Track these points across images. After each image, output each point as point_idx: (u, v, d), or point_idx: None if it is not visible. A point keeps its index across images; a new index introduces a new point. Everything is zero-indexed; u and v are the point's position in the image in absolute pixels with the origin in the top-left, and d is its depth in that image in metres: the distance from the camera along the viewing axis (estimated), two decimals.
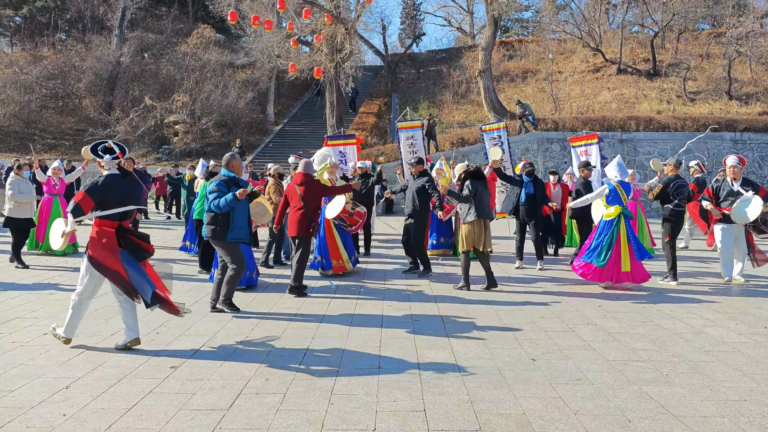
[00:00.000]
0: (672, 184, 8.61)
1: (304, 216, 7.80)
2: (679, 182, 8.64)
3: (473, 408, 4.15)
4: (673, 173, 8.75)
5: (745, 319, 6.73)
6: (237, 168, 6.89)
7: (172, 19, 35.36)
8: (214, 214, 6.68)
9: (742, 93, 27.00)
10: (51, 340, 5.62)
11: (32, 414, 4.01)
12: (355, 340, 5.76)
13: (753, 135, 21.90)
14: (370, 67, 37.83)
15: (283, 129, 30.51)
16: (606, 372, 4.91)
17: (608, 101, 27.40)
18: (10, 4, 37.03)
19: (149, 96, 28.29)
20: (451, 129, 26.10)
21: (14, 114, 28.81)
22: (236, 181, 6.77)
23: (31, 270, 9.29)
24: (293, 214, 7.89)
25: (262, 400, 4.26)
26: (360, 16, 24.46)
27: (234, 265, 6.71)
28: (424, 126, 16.61)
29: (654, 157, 14.46)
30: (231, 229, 6.66)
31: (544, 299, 7.67)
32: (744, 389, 4.57)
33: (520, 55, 34.98)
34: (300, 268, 7.83)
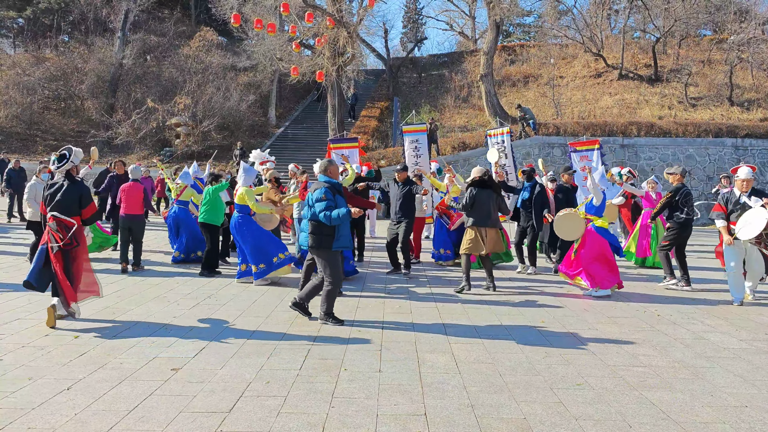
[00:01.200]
0: (680, 192, 8.69)
1: None
2: (685, 190, 8.73)
3: (474, 412, 4.15)
4: (679, 182, 8.83)
5: (746, 326, 6.73)
6: (335, 173, 6.57)
7: (175, 22, 35.42)
8: (319, 222, 6.30)
9: (744, 99, 27.02)
10: (52, 342, 5.63)
11: (33, 415, 4.01)
12: (356, 343, 5.76)
13: (754, 141, 21.91)
14: (371, 71, 37.90)
15: (284, 132, 30.54)
16: (607, 377, 4.91)
17: (610, 106, 27.42)
18: (13, 6, 37.12)
19: (151, 98, 28.32)
20: (453, 133, 26.12)
21: (16, 115, 28.85)
22: (338, 188, 6.50)
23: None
24: None
25: (263, 403, 4.26)
26: (362, 20, 24.50)
27: (330, 279, 6.38)
28: (430, 129, 16.65)
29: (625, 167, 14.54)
30: (337, 238, 6.34)
31: (545, 304, 7.67)
32: (745, 395, 4.57)
33: (521, 60, 35.02)
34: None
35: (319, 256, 6.42)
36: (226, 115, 28.58)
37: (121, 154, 25.90)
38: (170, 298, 7.65)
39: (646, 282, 9.38)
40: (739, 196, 7.88)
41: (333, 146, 13.78)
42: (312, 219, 6.36)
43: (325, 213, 6.17)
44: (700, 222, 19.29)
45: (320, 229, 6.30)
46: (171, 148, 27.61)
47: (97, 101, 29.95)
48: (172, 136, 28.16)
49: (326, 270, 6.40)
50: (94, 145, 17.95)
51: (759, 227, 7.38)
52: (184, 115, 27.91)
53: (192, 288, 8.30)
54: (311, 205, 6.37)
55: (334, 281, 6.42)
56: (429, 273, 9.91)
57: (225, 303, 7.40)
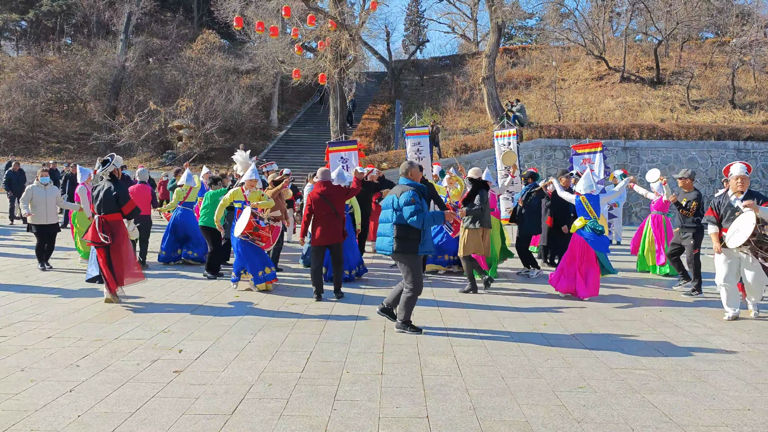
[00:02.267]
0: (701, 198, 8.67)
1: (338, 222, 7.90)
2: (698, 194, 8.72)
3: (476, 415, 4.15)
4: (690, 187, 8.73)
5: (749, 329, 6.71)
6: (416, 176, 6.40)
7: (177, 25, 35.52)
8: (405, 227, 6.13)
9: (746, 102, 27.00)
10: (55, 344, 5.64)
11: (36, 417, 4.02)
12: (358, 345, 5.76)
13: (756, 144, 21.88)
14: (373, 74, 37.91)
15: (286, 134, 30.58)
16: (609, 380, 4.90)
17: (612, 109, 27.42)
18: (16, 9, 37.26)
19: (153, 101, 28.38)
20: (455, 136, 26.14)
21: (19, 118, 28.93)
22: (424, 191, 6.33)
23: (35, 273, 9.31)
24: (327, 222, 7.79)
25: (265, 406, 4.27)
26: (364, 23, 24.51)
27: (412, 286, 6.22)
28: (432, 131, 16.68)
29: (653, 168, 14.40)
30: (423, 242, 6.21)
31: (547, 306, 7.66)
32: (747, 398, 4.56)
33: (523, 63, 35.04)
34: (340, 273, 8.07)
35: (403, 261, 6.24)
36: (228, 117, 28.63)
37: (123, 157, 25.93)
38: (172, 300, 7.66)
39: (648, 285, 9.36)
40: (733, 200, 7.14)
41: (332, 149, 13.80)
42: (398, 223, 6.15)
43: (417, 216, 6.00)
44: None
45: (407, 233, 6.13)
46: (173, 151, 27.66)
47: (99, 104, 30.03)
48: (174, 138, 28.21)
49: (408, 276, 6.23)
50: (96, 151, 17.98)
51: (746, 234, 6.61)
52: (187, 117, 27.97)
53: (194, 290, 8.31)
54: (397, 209, 6.16)
55: (416, 288, 6.25)
56: (431, 276, 9.90)
57: (227, 306, 7.40)
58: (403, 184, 6.32)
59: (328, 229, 7.78)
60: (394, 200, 6.22)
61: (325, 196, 7.83)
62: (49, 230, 9.74)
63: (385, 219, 6.36)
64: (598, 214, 8.40)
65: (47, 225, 9.68)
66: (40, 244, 9.69)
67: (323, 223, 7.77)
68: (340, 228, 7.94)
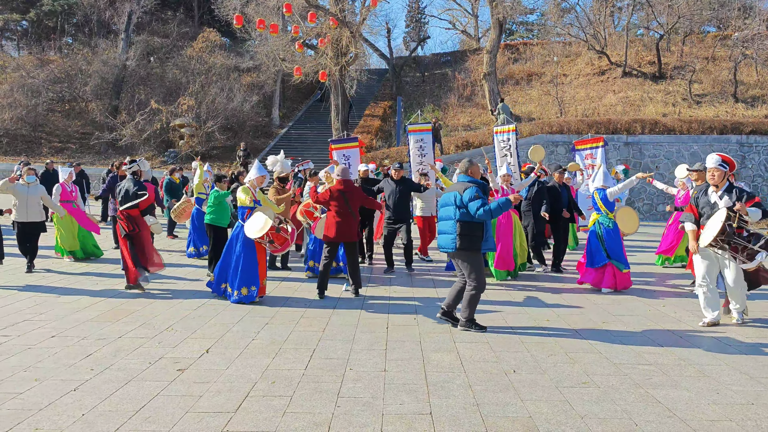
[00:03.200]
0: None
1: (354, 222, 7.90)
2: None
3: (480, 411, 4.15)
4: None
5: (752, 323, 6.70)
6: (476, 173, 6.44)
7: (178, 23, 35.50)
8: (469, 224, 6.12)
9: (748, 96, 26.91)
10: (59, 343, 5.65)
11: (40, 416, 4.03)
12: (361, 342, 5.77)
13: (759, 138, 21.81)
14: (374, 71, 37.87)
15: (288, 132, 30.56)
16: (612, 375, 4.90)
17: (613, 104, 27.36)
18: (17, 9, 37.28)
19: (155, 99, 28.39)
20: (456, 132, 26.11)
21: (21, 117, 28.96)
22: (486, 188, 6.37)
23: (38, 273, 9.33)
24: (345, 220, 7.76)
25: (268, 403, 4.28)
26: (365, 20, 24.49)
27: (475, 283, 6.21)
28: (434, 128, 16.65)
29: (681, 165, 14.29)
30: (485, 239, 6.21)
31: (550, 302, 7.66)
32: (751, 393, 4.55)
33: (525, 59, 34.96)
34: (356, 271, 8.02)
35: (465, 259, 6.22)
36: (229, 115, 28.63)
37: (125, 156, 25.97)
38: (175, 298, 7.67)
39: (652, 279, 9.35)
40: (709, 194, 6.54)
41: (334, 146, 13.78)
42: (461, 220, 6.14)
43: (484, 208, 5.99)
44: None
45: (471, 230, 6.13)
46: (175, 149, 27.68)
47: (101, 103, 30.04)
48: (175, 137, 28.22)
49: (471, 274, 6.22)
50: (98, 150, 17.99)
51: (713, 232, 6.16)
52: (188, 116, 27.97)
53: (197, 288, 8.32)
54: (460, 206, 6.16)
55: (479, 285, 6.23)
56: (434, 273, 9.91)
57: (230, 303, 7.41)
58: (463, 181, 6.34)
59: (343, 227, 7.79)
60: (456, 197, 6.22)
61: (345, 193, 7.84)
62: (29, 228, 9.53)
63: (446, 216, 6.34)
64: (611, 209, 8.48)
65: (27, 223, 9.50)
66: (20, 240, 9.55)
67: (339, 220, 7.77)
68: (355, 227, 7.95)
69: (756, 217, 6.07)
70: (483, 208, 5.99)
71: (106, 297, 7.67)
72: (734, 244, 6.11)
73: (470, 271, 6.22)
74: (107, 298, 7.63)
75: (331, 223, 7.82)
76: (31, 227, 9.57)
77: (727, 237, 6.09)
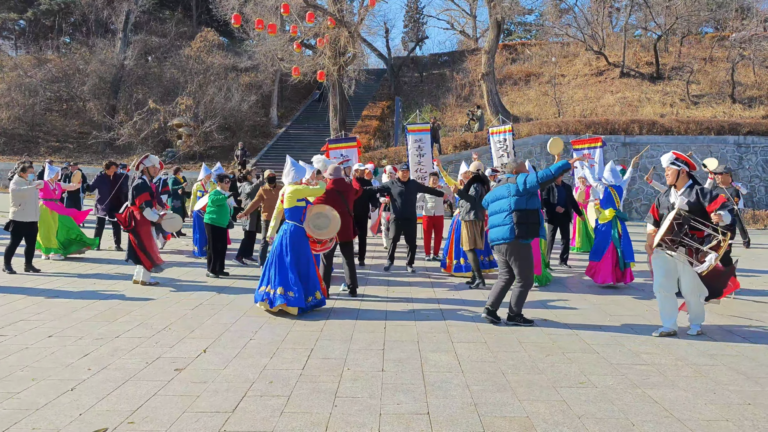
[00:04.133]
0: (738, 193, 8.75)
1: (350, 220, 7.94)
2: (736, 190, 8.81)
3: (477, 411, 4.16)
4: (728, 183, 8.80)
5: (749, 323, 6.72)
6: (523, 168, 6.79)
7: (176, 23, 35.52)
8: (524, 211, 6.20)
9: (746, 96, 26.98)
10: (56, 343, 5.64)
11: (38, 416, 4.02)
12: (359, 342, 5.77)
13: (756, 138, 21.87)
14: (373, 71, 37.90)
15: (286, 132, 30.57)
16: (610, 375, 4.91)
17: (611, 104, 27.41)
18: (15, 8, 37.22)
19: (153, 99, 28.38)
20: (455, 132, 26.12)
21: (18, 117, 28.94)
22: None
23: (38, 274, 9.32)
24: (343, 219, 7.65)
25: (266, 403, 4.27)
26: (363, 20, 24.51)
27: (523, 280, 6.34)
28: (432, 128, 16.66)
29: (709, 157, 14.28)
30: (542, 227, 6.28)
31: (547, 302, 7.66)
32: (748, 393, 4.56)
33: (523, 59, 35.01)
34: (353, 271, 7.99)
35: (520, 251, 6.28)
36: (227, 115, 28.63)
37: (123, 156, 25.95)
38: (173, 298, 7.67)
39: (650, 279, 9.36)
40: (669, 193, 6.19)
41: (332, 146, 13.78)
42: (517, 209, 6.23)
43: (543, 171, 6.15)
44: None
45: (527, 218, 6.22)
46: (173, 149, 27.66)
47: (98, 102, 30.01)
48: (173, 136, 28.21)
49: (522, 268, 6.32)
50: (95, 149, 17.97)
51: (660, 232, 5.90)
52: (186, 115, 27.96)
53: (195, 288, 8.31)
54: (515, 194, 6.29)
55: (528, 282, 6.36)
56: (433, 274, 9.91)
57: (228, 303, 7.41)
58: (511, 176, 6.57)
59: (346, 226, 7.79)
60: (509, 188, 6.36)
61: (340, 192, 7.83)
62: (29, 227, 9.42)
63: (499, 209, 6.43)
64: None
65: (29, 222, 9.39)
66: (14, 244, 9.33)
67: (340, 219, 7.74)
68: (351, 225, 7.98)
69: (727, 220, 5.68)
70: (540, 172, 6.18)
71: (104, 297, 7.66)
72: (686, 245, 5.80)
73: (522, 265, 6.33)
74: (105, 298, 7.62)
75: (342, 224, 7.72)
76: (30, 227, 9.50)
77: (675, 237, 5.78)
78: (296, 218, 7.13)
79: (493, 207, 6.56)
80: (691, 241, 5.77)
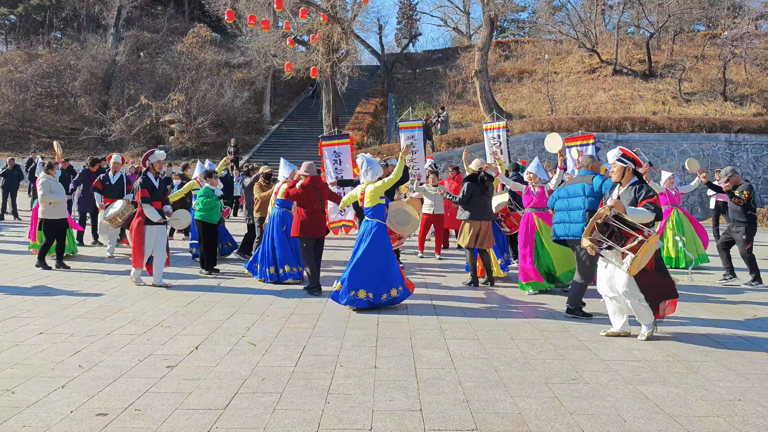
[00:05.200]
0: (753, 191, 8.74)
1: (324, 217, 8.04)
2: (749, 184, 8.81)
3: (469, 407, 4.16)
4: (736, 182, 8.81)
5: (740, 319, 6.76)
6: (596, 167, 7.00)
7: (168, 18, 35.31)
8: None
9: (737, 94, 27.11)
10: (47, 340, 5.61)
11: (28, 413, 4.00)
12: (352, 339, 5.76)
13: (747, 136, 21.98)
14: (366, 67, 37.82)
15: (279, 129, 30.48)
16: (601, 372, 4.93)
17: (604, 102, 27.49)
18: (5, 3, 36.91)
19: (145, 95, 28.23)
20: (447, 129, 26.10)
21: (9, 112, 28.71)
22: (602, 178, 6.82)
23: (26, 269, 9.26)
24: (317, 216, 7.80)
25: (258, 400, 4.26)
26: (356, 16, 24.45)
27: (585, 278, 6.62)
28: (426, 125, 16.67)
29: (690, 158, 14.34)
30: None
31: (540, 299, 7.68)
32: (738, 389, 4.59)
33: (516, 56, 35.03)
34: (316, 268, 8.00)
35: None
36: (220, 111, 28.52)
37: (114, 152, 25.80)
38: (165, 295, 7.64)
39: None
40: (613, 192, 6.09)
41: (324, 143, 13.75)
42: (591, 209, 6.46)
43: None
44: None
45: None
46: (165, 145, 27.52)
47: (90, 98, 29.82)
48: (166, 133, 28.08)
49: (585, 266, 6.55)
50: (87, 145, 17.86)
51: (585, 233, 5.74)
52: (178, 112, 27.83)
53: (187, 285, 8.28)
54: (589, 195, 6.56)
55: (589, 278, 6.62)
56: (425, 270, 9.91)
57: (220, 300, 7.39)
58: (584, 174, 6.80)
59: (318, 222, 7.84)
60: (584, 188, 6.64)
61: (317, 189, 7.84)
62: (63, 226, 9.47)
63: (576, 206, 6.67)
64: None
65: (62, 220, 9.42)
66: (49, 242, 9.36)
67: (311, 216, 7.75)
68: (324, 222, 8.11)
69: (641, 216, 5.53)
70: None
71: (95, 294, 7.62)
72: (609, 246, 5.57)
73: (584, 265, 6.54)
74: (96, 295, 7.59)
75: (305, 220, 7.74)
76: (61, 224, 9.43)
77: (595, 237, 5.58)
78: (379, 215, 7.15)
79: (563, 203, 6.80)
80: (610, 242, 5.53)
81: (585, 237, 5.66)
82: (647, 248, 5.37)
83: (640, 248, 5.33)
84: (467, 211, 8.39)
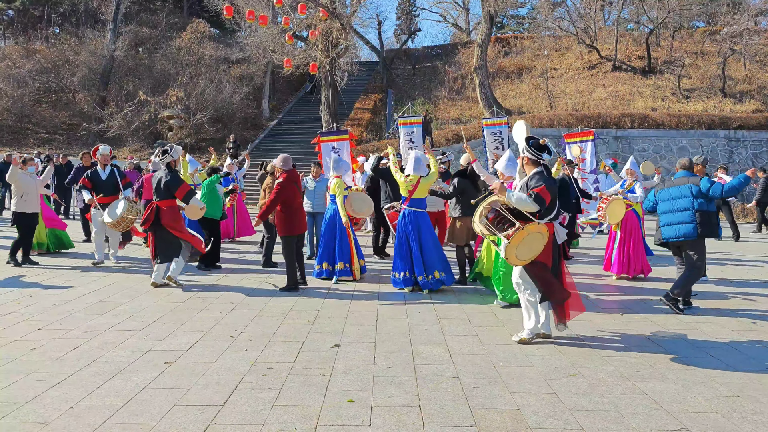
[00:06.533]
0: None
1: (304, 212, 8.08)
2: None
3: (468, 403, 4.16)
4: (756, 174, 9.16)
5: (738, 316, 6.76)
6: (701, 170, 7.32)
7: (167, 14, 35.17)
8: (707, 212, 6.77)
9: (736, 91, 27.09)
10: (44, 336, 5.60)
11: (26, 409, 3.99)
12: (350, 335, 5.76)
13: (746, 133, 21.99)
14: (365, 63, 37.72)
15: (278, 124, 30.41)
16: (600, 368, 4.93)
17: (603, 98, 27.46)
18: None
19: (143, 91, 28.13)
20: (447, 125, 26.10)
21: (7, 108, 28.60)
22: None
23: (27, 267, 9.24)
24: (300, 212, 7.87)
25: (257, 396, 4.26)
26: (356, 12, 24.43)
27: (698, 271, 6.96)
28: (425, 120, 16.67)
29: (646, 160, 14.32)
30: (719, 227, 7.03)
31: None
32: (737, 385, 4.59)
33: (515, 52, 34.97)
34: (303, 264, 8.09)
35: (700, 246, 6.87)
36: (219, 107, 28.43)
37: (113, 148, 25.73)
38: (163, 291, 7.63)
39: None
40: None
41: (323, 139, 13.73)
42: (700, 210, 6.74)
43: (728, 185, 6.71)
44: None
45: (709, 218, 6.79)
46: (164, 141, 27.46)
47: (88, 94, 29.72)
48: (164, 128, 28.00)
49: (698, 260, 6.88)
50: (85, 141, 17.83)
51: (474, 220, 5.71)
52: (177, 107, 27.76)
53: (186, 281, 8.26)
54: (697, 196, 6.79)
55: (701, 271, 7.08)
56: None
57: (219, 296, 7.38)
58: (687, 175, 7.02)
59: (300, 218, 7.88)
60: (692, 189, 6.86)
61: (296, 182, 7.91)
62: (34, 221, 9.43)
63: (682, 207, 6.88)
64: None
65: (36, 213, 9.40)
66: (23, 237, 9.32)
67: (292, 212, 7.73)
68: (304, 217, 8.14)
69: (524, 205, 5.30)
70: (727, 185, 6.74)
71: (93, 290, 7.61)
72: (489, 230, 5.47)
73: (698, 260, 6.89)
74: (94, 291, 7.58)
75: (288, 217, 7.69)
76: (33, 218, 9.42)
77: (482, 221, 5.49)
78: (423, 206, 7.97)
79: (668, 204, 7.03)
80: (492, 227, 5.43)
81: (475, 221, 5.58)
82: (523, 236, 5.19)
83: (514, 235, 5.19)
84: (459, 208, 8.26)
